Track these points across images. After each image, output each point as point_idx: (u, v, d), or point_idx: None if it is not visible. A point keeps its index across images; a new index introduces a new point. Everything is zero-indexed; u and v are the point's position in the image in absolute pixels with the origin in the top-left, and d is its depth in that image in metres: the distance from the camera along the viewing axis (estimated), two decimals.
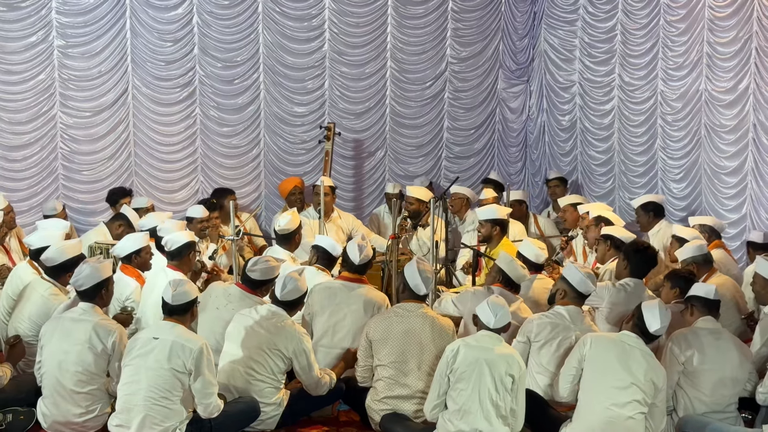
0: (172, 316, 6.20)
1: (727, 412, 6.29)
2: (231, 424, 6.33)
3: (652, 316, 5.98)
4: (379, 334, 6.51)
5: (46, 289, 7.27)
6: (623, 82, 11.35)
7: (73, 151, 11.39)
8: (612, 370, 5.90)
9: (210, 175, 11.92)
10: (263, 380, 6.50)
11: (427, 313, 6.57)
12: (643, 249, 7.46)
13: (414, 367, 6.40)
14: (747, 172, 9.73)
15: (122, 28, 11.36)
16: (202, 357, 6.04)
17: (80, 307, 6.55)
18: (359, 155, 12.47)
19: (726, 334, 6.48)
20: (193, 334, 6.27)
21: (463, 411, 5.90)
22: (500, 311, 6.04)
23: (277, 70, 11.97)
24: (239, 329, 6.59)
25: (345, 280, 7.38)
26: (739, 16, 9.66)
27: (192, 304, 6.27)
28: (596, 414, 5.87)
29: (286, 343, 6.48)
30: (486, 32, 12.74)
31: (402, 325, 6.48)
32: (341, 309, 7.16)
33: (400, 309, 6.63)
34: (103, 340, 6.38)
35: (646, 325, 5.99)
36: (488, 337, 6.04)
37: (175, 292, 6.17)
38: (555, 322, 6.58)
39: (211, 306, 7.15)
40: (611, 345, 6.00)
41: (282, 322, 6.54)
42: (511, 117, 13.05)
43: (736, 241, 9.81)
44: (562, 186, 11.54)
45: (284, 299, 6.61)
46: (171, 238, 7.89)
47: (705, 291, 6.54)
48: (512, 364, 5.95)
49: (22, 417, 6.54)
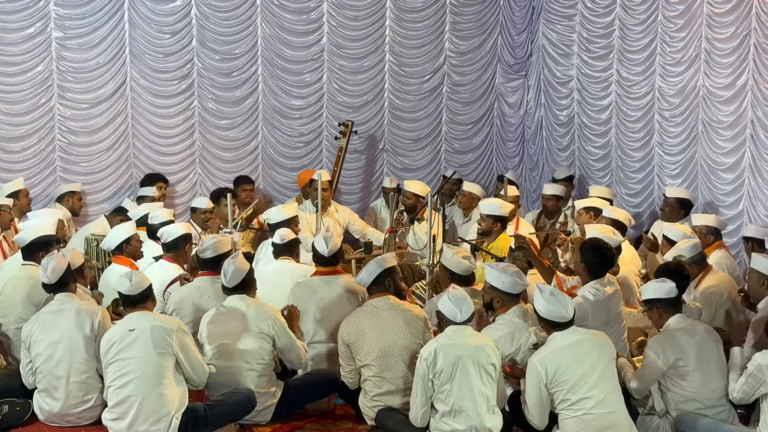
0: (136, 306, 6.30)
1: (720, 406, 6.26)
2: (226, 414, 6.38)
3: (538, 300, 5.99)
4: (353, 336, 6.47)
5: (30, 271, 7.36)
6: (621, 78, 11.35)
7: (70, 143, 11.38)
8: (575, 379, 5.83)
9: (208, 167, 11.91)
10: (253, 368, 6.54)
11: (394, 305, 6.55)
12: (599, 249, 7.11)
13: (396, 360, 6.38)
14: (744, 168, 9.74)
15: (120, 20, 11.34)
16: (183, 333, 6.24)
17: (57, 298, 6.63)
18: (357, 148, 12.47)
19: (699, 327, 6.40)
20: (165, 316, 6.55)
21: (455, 411, 5.89)
22: (463, 303, 6.01)
23: (276, 62, 11.96)
24: (214, 330, 6.61)
25: (321, 274, 7.38)
26: (738, 12, 9.66)
27: (150, 290, 6.40)
28: (579, 423, 5.84)
29: (264, 323, 6.54)
30: (484, 26, 12.74)
31: (373, 322, 6.45)
32: (325, 303, 7.18)
33: (368, 306, 6.60)
34: (89, 321, 6.49)
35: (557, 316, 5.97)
36: (459, 331, 6.00)
37: (132, 283, 6.28)
38: (510, 331, 6.47)
39: (187, 305, 7.18)
40: (561, 354, 5.89)
41: (251, 306, 6.61)
42: (509, 111, 13.05)
43: (733, 237, 9.81)
44: (570, 185, 11.51)
45: (231, 285, 6.66)
46: (167, 230, 7.92)
47: (666, 291, 6.38)
48: (490, 352, 5.95)
49: (18, 408, 6.58)
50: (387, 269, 6.70)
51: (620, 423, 5.89)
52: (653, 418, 6.43)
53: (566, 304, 5.98)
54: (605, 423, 5.82)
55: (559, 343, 5.92)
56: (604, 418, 5.81)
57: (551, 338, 5.99)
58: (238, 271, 6.65)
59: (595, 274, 7.04)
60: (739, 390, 6.08)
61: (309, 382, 6.94)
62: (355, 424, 6.75)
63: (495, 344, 6.11)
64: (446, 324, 6.08)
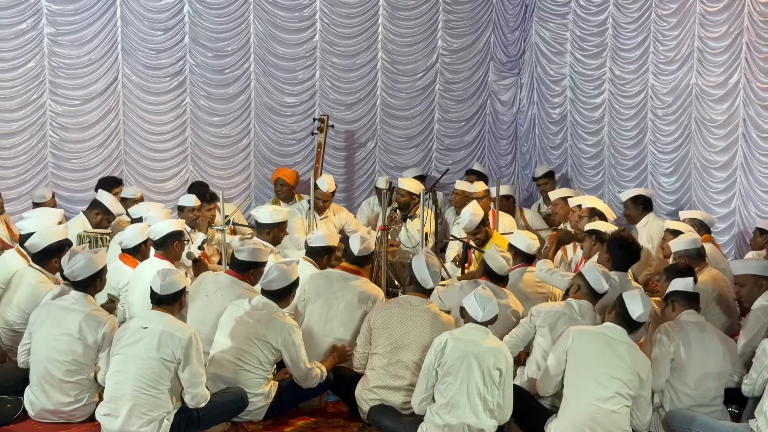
0: (160, 306, 6.19)
1: (713, 406, 6.29)
2: (219, 414, 6.33)
3: (635, 303, 5.99)
4: (379, 323, 6.50)
5: (34, 277, 7.27)
6: (614, 76, 11.35)
7: (62, 140, 11.35)
8: (595, 363, 5.90)
9: (200, 164, 11.89)
10: (251, 370, 6.49)
11: (430, 309, 6.54)
12: (627, 244, 7.38)
13: (407, 359, 6.38)
14: (737, 166, 9.75)
15: (113, 16, 11.31)
16: (191, 346, 6.03)
17: (72, 295, 6.54)
18: (350, 146, 12.46)
19: (710, 327, 6.48)
20: (182, 324, 6.24)
21: (451, 405, 5.89)
22: (488, 304, 6.02)
23: (268, 60, 11.94)
24: (230, 319, 6.59)
25: (343, 270, 7.41)
26: (730, 11, 9.67)
27: (180, 294, 6.26)
28: (581, 409, 5.86)
29: (275, 334, 6.47)
30: (477, 24, 12.74)
31: (402, 317, 6.46)
32: (336, 297, 7.18)
33: (404, 301, 6.61)
34: (94, 331, 6.39)
35: (629, 313, 5.99)
36: (476, 330, 6.03)
37: (164, 282, 6.16)
38: (562, 312, 6.59)
39: (201, 294, 7.15)
40: (594, 338, 6.00)
41: (272, 314, 6.53)
42: (501, 109, 13.04)
43: (725, 236, 9.84)
44: (551, 181, 11.52)
45: (268, 288, 6.61)
46: (156, 227, 7.88)
47: (684, 285, 6.53)
48: (500, 357, 5.94)
49: (9, 405, 6.54)
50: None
51: (619, 422, 5.90)
52: None
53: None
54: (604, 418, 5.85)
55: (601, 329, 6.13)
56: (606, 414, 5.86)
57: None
58: (282, 278, 6.60)
59: (620, 267, 7.24)
60: (747, 377, 6.18)
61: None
62: (347, 422, 6.73)
63: (508, 350, 6.11)
64: (467, 321, 6.11)
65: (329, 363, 6.91)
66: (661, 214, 10.31)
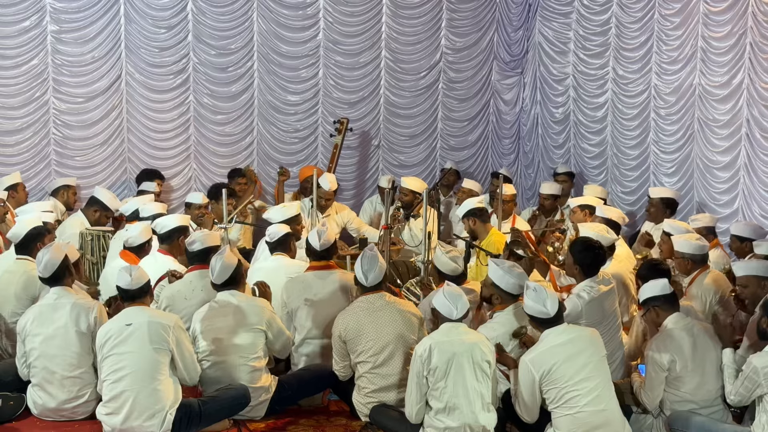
0: (135, 301, 6.28)
1: (714, 406, 6.28)
2: (220, 409, 6.37)
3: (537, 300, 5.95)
4: (351, 333, 6.44)
5: (23, 266, 7.38)
6: (617, 76, 11.35)
7: (65, 137, 11.36)
8: (567, 376, 5.81)
9: (203, 162, 11.90)
10: (246, 363, 6.54)
11: (389, 301, 6.53)
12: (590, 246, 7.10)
13: (391, 357, 6.37)
14: (740, 166, 9.75)
15: (116, 14, 11.32)
16: (179, 330, 6.20)
17: (52, 292, 6.61)
18: (352, 145, 12.45)
19: (697, 327, 6.37)
20: (163, 312, 6.51)
21: (449, 408, 5.87)
22: (459, 301, 5.99)
23: (272, 58, 11.95)
24: (206, 327, 6.59)
25: (315, 269, 7.35)
26: (734, 11, 9.66)
27: (149, 285, 6.40)
28: (573, 421, 5.81)
29: (256, 316, 6.57)
30: (481, 23, 12.74)
31: (371, 318, 6.43)
32: (320, 299, 7.15)
33: (364, 303, 6.55)
34: (85, 317, 6.48)
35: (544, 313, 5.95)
36: (453, 328, 5.98)
37: (132, 278, 6.26)
38: (507, 330, 6.47)
39: (181, 298, 7.16)
40: (553, 353, 5.87)
41: (241, 301, 6.62)
42: (504, 109, 13.04)
43: (727, 236, 9.81)
44: (570, 181, 11.48)
45: (220, 282, 6.64)
46: (161, 222, 7.91)
47: (660, 288, 6.39)
48: (485, 349, 5.93)
49: (12, 402, 6.57)
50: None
51: (613, 420, 5.87)
52: (647, 417, 6.44)
53: (545, 299, 5.92)
54: (598, 420, 5.80)
55: (551, 341, 5.89)
56: (597, 416, 5.80)
57: (543, 336, 5.96)
58: (226, 266, 6.63)
59: (589, 273, 7.03)
60: (736, 393, 6.04)
61: (303, 377, 6.93)
62: (349, 420, 6.74)
63: (489, 341, 6.10)
64: (441, 321, 6.06)
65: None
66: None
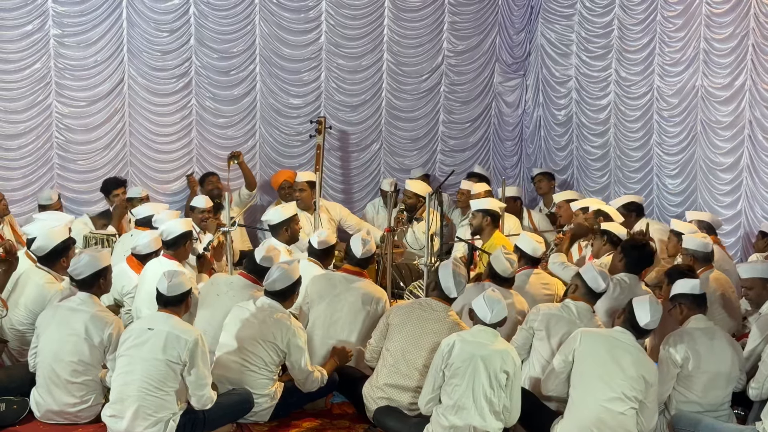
0: (166, 307, 6.18)
1: (720, 410, 6.29)
2: (224, 415, 6.34)
3: (643, 311, 5.98)
4: (397, 320, 6.49)
5: (41, 278, 7.27)
6: (620, 78, 11.35)
7: (68, 141, 11.36)
8: (603, 365, 5.89)
9: (205, 165, 11.88)
10: (257, 371, 6.49)
11: (450, 317, 6.49)
12: (640, 246, 7.45)
13: (418, 361, 6.36)
14: (742, 168, 9.75)
15: (118, 18, 11.32)
16: (197, 349, 6.01)
17: (78, 296, 6.56)
18: (354, 148, 12.46)
19: (719, 332, 6.44)
20: (188, 326, 6.23)
21: (457, 406, 5.88)
22: (497, 306, 6.01)
23: (274, 61, 11.95)
24: (235, 321, 6.59)
25: (346, 272, 7.39)
26: (736, 12, 9.67)
27: (186, 295, 6.25)
28: (588, 410, 5.85)
29: (281, 335, 6.47)
30: (483, 26, 12.74)
31: (420, 319, 6.44)
32: (339, 300, 7.17)
33: (426, 304, 6.57)
34: (100, 332, 6.41)
35: (636, 320, 5.99)
36: (484, 332, 6.01)
37: (170, 283, 6.15)
38: (560, 315, 6.57)
39: (212, 293, 7.17)
40: (602, 340, 5.99)
41: (277, 315, 6.54)
42: (507, 111, 13.05)
43: (731, 237, 9.83)
44: (547, 180, 11.49)
45: (272, 289, 6.61)
46: (168, 227, 7.89)
47: (691, 287, 6.48)
48: (507, 360, 5.93)
49: (15, 406, 6.55)
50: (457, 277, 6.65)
51: (626, 425, 5.88)
52: None
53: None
54: (610, 420, 5.84)
55: (612, 333, 6.10)
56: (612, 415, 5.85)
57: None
58: (285, 278, 6.59)
59: (632, 270, 7.31)
60: (758, 381, 6.17)
61: None
62: (353, 423, 6.74)
63: (515, 353, 6.09)
64: (476, 322, 6.09)
65: (330, 366, 6.87)
66: (667, 216, 10.30)
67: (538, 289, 7.62)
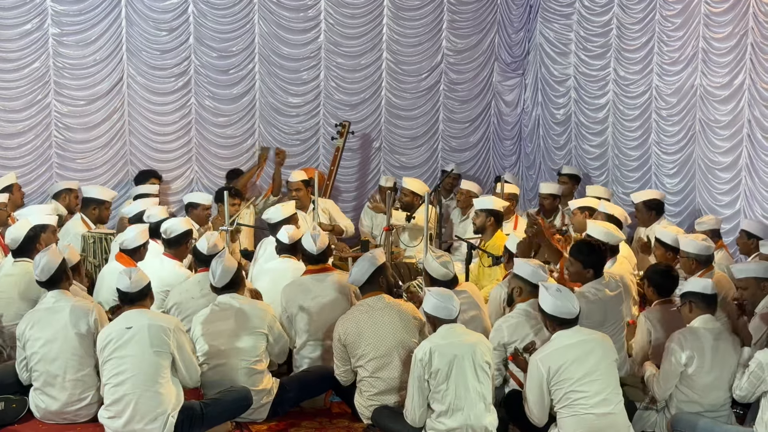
0: (134, 304, 6.27)
1: (721, 411, 6.28)
2: (223, 412, 6.36)
3: (545, 297, 5.94)
4: (351, 337, 6.45)
5: (24, 267, 7.36)
6: (618, 77, 11.35)
7: (67, 140, 11.36)
8: (575, 376, 5.80)
9: (204, 164, 11.90)
10: (248, 366, 6.54)
11: (390, 303, 6.53)
12: (593, 246, 7.07)
13: (392, 360, 6.37)
14: (741, 167, 9.75)
15: (117, 17, 11.32)
16: (180, 333, 6.21)
17: (50, 295, 6.62)
18: (353, 147, 12.45)
19: (725, 333, 6.41)
20: (164, 315, 6.49)
21: (451, 410, 5.87)
22: (452, 299, 6.00)
23: (273, 60, 11.95)
24: (207, 330, 6.60)
25: (312, 273, 7.33)
26: (735, 11, 9.66)
27: (149, 288, 6.36)
28: (578, 424, 5.80)
29: (260, 320, 6.59)
30: (482, 25, 12.74)
31: (370, 321, 6.43)
32: (319, 302, 7.13)
33: (364, 306, 6.57)
34: (84, 320, 6.48)
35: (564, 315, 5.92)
36: (451, 329, 5.98)
37: (132, 280, 6.25)
38: (519, 320, 6.49)
39: (188, 299, 7.17)
40: (564, 353, 5.87)
41: (243, 304, 6.64)
42: (506, 110, 13.05)
43: (729, 237, 9.81)
44: (571, 183, 11.40)
45: (220, 285, 6.66)
46: (170, 225, 7.88)
47: (702, 286, 6.42)
48: (485, 350, 5.95)
49: (15, 405, 6.56)
50: (380, 267, 6.68)
51: (618, 424, 5.86)
52: (650, 413, 6.45)
53: (573, 299, 5.95)
54: (604, 423, 5.78)
55: (562, 342, 5.89)
56: (603, 419, 5.78)
57: (554, 337, 5.95)
58: (227, 270, 6.65)
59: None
60: (742, 388, 6.09)
61: (305, 379, 6.92)
62: (351, 422, 6.74)
63: (490, 340, 6.12)
64: (439, 323, 6.04)
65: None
66: (665, 215, 10.28)
67: None
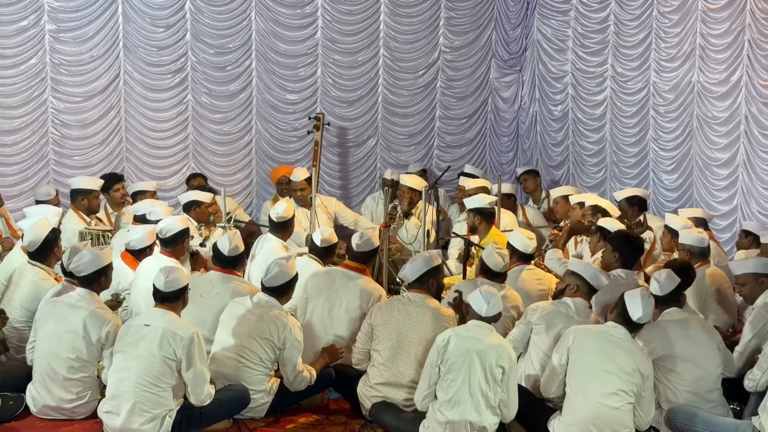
0: (163, 303, 6.18)
1: (713, 401, 6.29)
2: (221, 411, 6.32)
3: (635, 305, 5.98)
4: (380, 320, 6.50)
5: (35, 274, 7.26)
6: (616, 73, 11.35)
7: (64, 136, 11.36)
8: (597, 361, 5.89)
9: (201, 161, 11.89)
10: (252, 367, 6.48)
11: (430, 304, 6.52)
12: (630, 239, 7.46)
13: (408, 355, 6.37)
14: (738, 164, 9.75)
15: (114, 13, 11.32)
16: (193, 346, 6.00)
17: (77, 292, 6.54)
18: (351, 143, 12.45)
19: (693, 321, 6.45)
20: (184, 322, 6.21)
21: (453, 401, 5.89)
22: (492, 299, 6.01)
23: (270, 57, 11.95)
24: (231, 317, 6.59)
25: (346, 268, 7.38)
26: (733, 8, 9.66)
27: (183, 291, 6.25)
28: (584, 406, 5.86)
29: (277, 332, 6.46)
30: (479, 21, 12.74)
31: (403, 314, 6.46)
32: (338, 296, 7.15)
33: (405, 298, 6.61)
34: (98, 330, 6.38)
35: (629, 314, 5.99)
36: (479, 327, 6.02)
37: (167, 279, 6.15)
38: (558, 311, 6.55)
39: (195, 294, 7.12)
40: (595, 337, 6.00)
41: (273, 311, 6.52)
42: (503, 106, 13.05)
43: (726, 233, 9.84)
44: (532, 178, 11.39)
45: (269, 285, 6.60)
46: (166, 225, 7.86)
47: (654, 288, 6.48)
48: (502, 354, 5.93)
49: (12, 402, 6.54)
50: (433, 268, 6.66)
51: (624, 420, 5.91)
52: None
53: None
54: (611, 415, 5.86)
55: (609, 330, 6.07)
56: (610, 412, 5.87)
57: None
58: (283, 275, 6.60)
59: (626, 264, 7.30)
60: (755, 376, 6.16)
61: None
62: (349, 419, 6.74)
63: (511, 348, 6.10)
64: (471, 316, 6.09)
65: (319, 364, 6.84)
66: (663, 211, 10.30)
67: (532, 285, 7.59)
